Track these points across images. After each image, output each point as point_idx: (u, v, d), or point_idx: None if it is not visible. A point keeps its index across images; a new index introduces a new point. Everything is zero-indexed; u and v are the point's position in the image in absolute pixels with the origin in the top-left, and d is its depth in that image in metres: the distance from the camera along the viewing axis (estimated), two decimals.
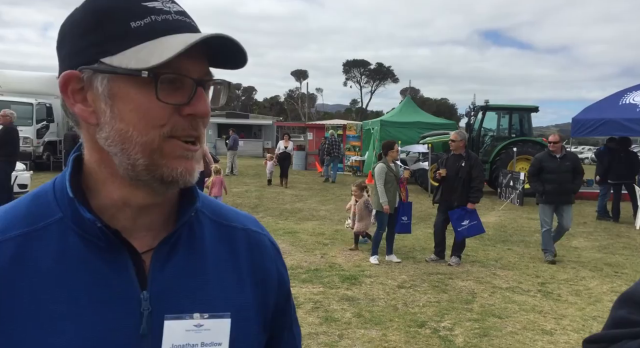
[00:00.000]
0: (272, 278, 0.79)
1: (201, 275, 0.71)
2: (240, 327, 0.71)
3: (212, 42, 0.63)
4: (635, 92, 8.53)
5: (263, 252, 0.80)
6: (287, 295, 0.83)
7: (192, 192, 0.73)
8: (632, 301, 0.78)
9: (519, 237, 8.40)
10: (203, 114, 0.65)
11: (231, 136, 18.79)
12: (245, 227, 0.80)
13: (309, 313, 4.60)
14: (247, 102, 73.40)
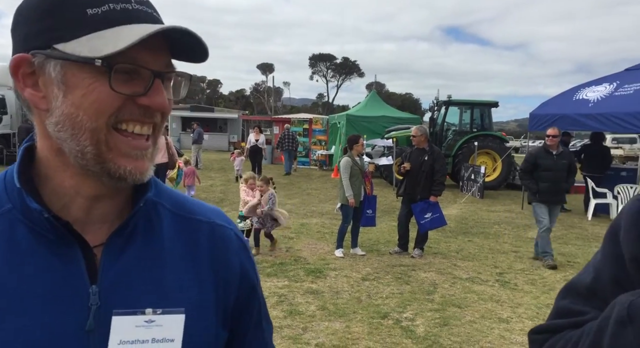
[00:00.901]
0: (235, 272, 0.78)
1: (156, 269, 0.70)
2: (196, 323, 0.70)
3: (172, 34, 0.63)
4: (588, 89, 8.89)
5: (227, 246, 0.79)
6: (252, 290, 0.81)
7: (146, 183, 0.71)
8: (574, 291, 0.80)
9: (479, 229, 8.66)
10: (159, 106, 0.65)
11: (195, 130, 18.51)
12: (210, 220, 0.79)
13: (274, 307, 4.61)
14: (212, 95, 72.27)
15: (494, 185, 13.66)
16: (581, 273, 0.83)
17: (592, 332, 0.64)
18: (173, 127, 28.96)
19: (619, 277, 0.72)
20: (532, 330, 0.82)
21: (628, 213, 0.76)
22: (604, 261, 0.77)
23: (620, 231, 0.76)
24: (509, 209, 10.94)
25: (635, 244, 0.72)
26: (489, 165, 13.80)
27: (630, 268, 0.71)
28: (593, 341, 0.62)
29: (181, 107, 33.20)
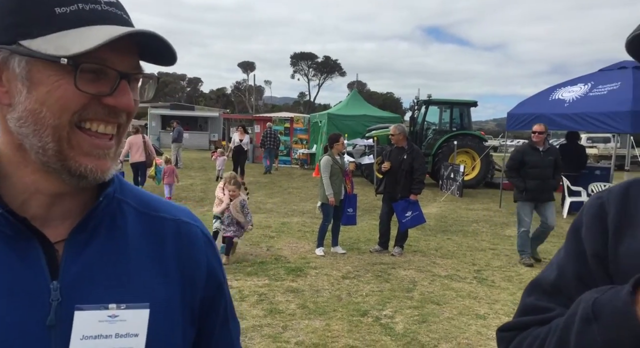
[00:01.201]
0: (201, 270, 0.78)
1: (121, 266, 0.70)
2: (161, 318, 0.70)
3: (140, 37, 0.64)
4: (563, 89, 9.08)
5: (193, 243, 0.79)
6: (218, 288, 0.82)
7: (109, 181, 0.72)
8: (539, 288, 0.81)
9: (458, 227, 8.77)
10: (125, 106, 0.66)
11: (175, 128, 18.32)
12: (176, 217, 0.80)
13: (254, 305, 4.61)
14: (192, 93, 71.57)
15: (472, 184, 13.84)
16: (545, 271, 0.84)
17: (558, 329, 0.65)
18: (153, 125, 28.65)
19: (581, 273, 0.74)
20: (499, 328, 0.83)
21: (588, 211, 0.79)
22: (567, 258, 0.79)
23: (582, 228, 0.78)
24: (487, 207, 11.10)
25: (596, 241, 0.74)
26: (468, 164, 13.99)
27: (592, 265, 0.73)
28: (560, 338, 0.64)
29: (161, 106, 32.86)
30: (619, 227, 0.72)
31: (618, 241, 0.71)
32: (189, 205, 10.13)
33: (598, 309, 0.58)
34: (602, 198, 0.77)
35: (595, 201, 0.79)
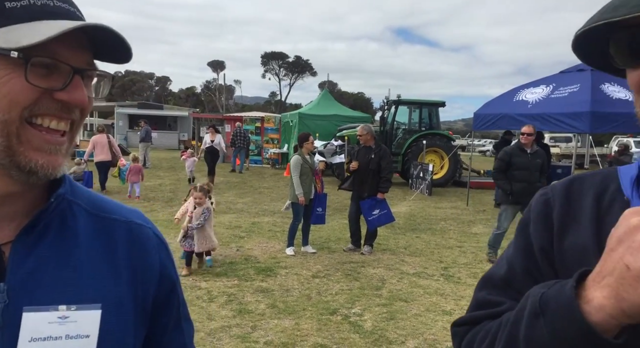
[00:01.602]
0: (154, 270, 0.78)
1: (71, 267, 0.69)
2: (113, 319, 0.70)
3: (94, 33, 0.63)
4: (527, 90, 9.35)
5: (145, 245, 0.79)
6: (172, 289, 0.82)
7: (59, 181, 0.71)
8: (490, 283, 0.83)
9: (427, 225, 8.91)
10: (78, 102, 0.65)
11: (143, 127, 17.99)
12: (127, 219, 0.79)
13: (223, 306, 4.58)
14: (161, 92, 70.24)
15: (441, 183, 14.09)
16: (496, 266, 0.86)
17: (509, 323, 0.67)
18: (119, 124, 28.03)
19: (530, 267, 0.77)
20: (454, 323, 0.85)
21: (535, 207, 0.81)
22: (515, 253, 0.81)
23: (530, 224, 0.81)
24: (455, 206, 11.32)
25: (542, 236, 0.77)
26: (437, 163, 14.23)
27: (539, 259, 0.76)
28: (510, 332, 0.66)
29: (128, 105, 32.19)
30: (562, 223, 0.74)
31: (562, 236, 0.73)
32: (157, 205, 9.98)
33: (544, 304, 0.60)
34: (547, 195, 0.80)
35: (541, 198, 0.81)
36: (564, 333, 0.57)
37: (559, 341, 0.58)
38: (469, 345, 0.77)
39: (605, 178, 0.76)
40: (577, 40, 0.65)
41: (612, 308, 0.54)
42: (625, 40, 0.59)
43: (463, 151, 20.25)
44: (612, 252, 0.56)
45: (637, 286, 0.53)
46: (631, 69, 0.61)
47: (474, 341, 0.76)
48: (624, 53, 0.61)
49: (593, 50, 0.66)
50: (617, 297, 0.54)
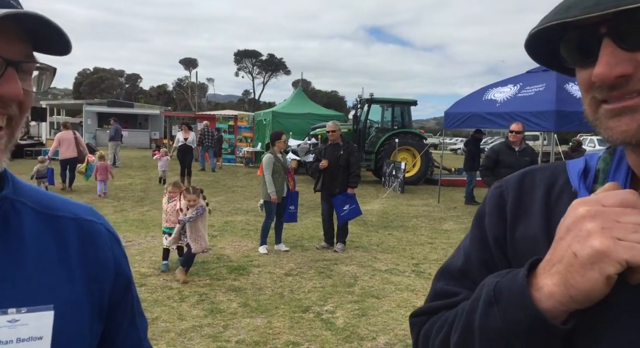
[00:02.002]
0: (108, 268, 0.77)
1: (18, 268, 0.67)
2: (68, 320, 0.69)
3: (32, 24, 0.61)
4: (495, 89, 9.55)
5: (97, 242, 0.77)
6: (127, 286, 0.81)
7: (1, 181, 0.68)
8: (448, 274, 0.85)
9: (399, 223, 9.02)
10: (12, 96, 0.62)
11: (113, 126, 17.61)
12: (77, 216, 0.77)
13: (194, 306, 4.53)
14: (131, 90, 68.80)
15: (413, 181, 14.26)
16: (453, 257, 0.88)
17: (465, 312, 0.69)
18: (88, 123, 27.39)
19: (485, 258, 0.78)
20: (412, 314, 0.87)
21: (490, 200, 0.84)
22: (471, 245, 0.83)
23: (485, 216, 0.83)
24: (426, 203, 11.48)
25: (497, 227, 0.78)
26: (409, 161, 14.40)
27: (494, 250, 0.77)
28: (466, 321, 0.67)
29: (97, 102, 31.48)
30: (515, 214, 0.76)
31: (514, 227, 0.75)
32: (127, 205, 9.80)
33: (498, 292, 0.62)
34: (502, 188, 0.82)
35: (496, 190, 0.83)
36: (516, 320, 0.59)
37: (511, 328, 0.59)
38: (427, 335, 0.78)
39: (554, 171, 0.78)
40: (530, 39, 0.67)
41: (561, 295, 0.57)
42: (575, 41, 0.61)
43: (435, 149, 20.53)
44: (561, 241, 0.58)
45: (583, 273, 0.55)
46: (580, 68, 0.63)
47: (432, 331, 0.77)
48: (573, 53, 0.62)
49: (545, 50, 0.68)
50: (566, 284, 0.56)
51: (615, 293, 0.56)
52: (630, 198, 0.57)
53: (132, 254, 6.25)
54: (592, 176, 0.71)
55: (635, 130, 0.57)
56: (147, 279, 5.28)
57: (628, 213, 0.55)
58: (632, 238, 0.54)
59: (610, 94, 0.58)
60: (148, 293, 4.85)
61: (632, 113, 0.57)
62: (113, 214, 8.73)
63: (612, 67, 0.57)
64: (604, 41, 0.57)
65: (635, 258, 0.53)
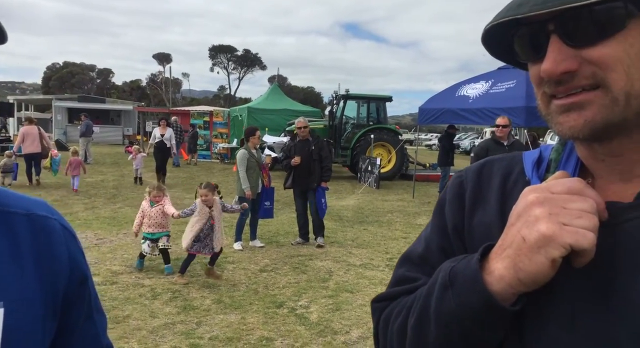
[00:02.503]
0: (63, 264, 0.76)
1: None
2: (19, 316, 0.67)
3: None
4: (468, 85, 9.70)
5: (51, 237, 0.76)
6: (83, 281, 0.80)
7: None
8: (409, 260, 0.86)
9: (374, 218, 9.08)
10: None
11: (83, 122, 17.22)
12: (29, 212, 0.76)
13: (167, 303, 4.48)
14: (103, 85, 67.32)
15: (388, 176, 14.38)
16: (415, 244, 0.90)
17: (422, 296, 0.70)
18: (58, 118, 26.69)
19: (444, 245, 0.80)
20: (373, 299, 0.87)
21: (451, 189, 0.85)
22: (432, 232, 0.85)
23: (445, 204, 0.85)
24: (401, 198, 11.59)
25: (456, 215, 0.80)
26: (384, 157, 14.50)
27: (452, 237, 0.79)
28: (423, 304, 0.69)
29: (67, 98, 30.71)
30: (473, 202, 0.78)
31: (472, 215, 0.77)
32: (99, 202, 9.60)
33: (453, 277, 0.64)
34: (462, 177, 0.84)
35: (456, 180, 0.85)
36: (469, 302, 0.61)
37: (464, 310, 0.61)
38: (387, 319, 0.79)
39: (511, 161, 0.81)
40: (486, 35, 0.68)
41: (510, 278, 0.58)
42: (526, 37, 0.63)
43: (411, 145, 20.74)
44: (512, 227, 0.60)
45: (531, 256, 0.57)
46: (531, 63, 0.64)
47: (391, 315, 0.78)
48: (525, 48, 0.64)
49: (501, 45, 0.69)
50: (515, 268, 0.58)
51: (561, 276, 0.58)
52: (577, 186, 0.59)
53: (104, 252, 6.14)
54: (544, 166, 0.73)
55: (581, 126, 0.59)
56: (118, 277, 5.19)
57: (574, 200, 0.57)
58: (577, 224, 0.56)
59: (557, 89, 0.60)
60: (119, 291, 4.77)
61: (579, 109, 0.59)
62: (84, 211, 8.54)
63: (558, 63, 0.58)
64: (552, 38, 0.59)
65: (578, 242, 0.55)
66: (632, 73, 0.56)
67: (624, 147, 0.61)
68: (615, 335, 0.56)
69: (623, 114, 0.57)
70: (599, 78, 0.57)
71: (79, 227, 7.34)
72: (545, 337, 0.61)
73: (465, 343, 0.64)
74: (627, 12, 0.55)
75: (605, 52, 0.56)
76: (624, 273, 0.57)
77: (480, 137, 31.03)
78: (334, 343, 3.82)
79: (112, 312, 4.22)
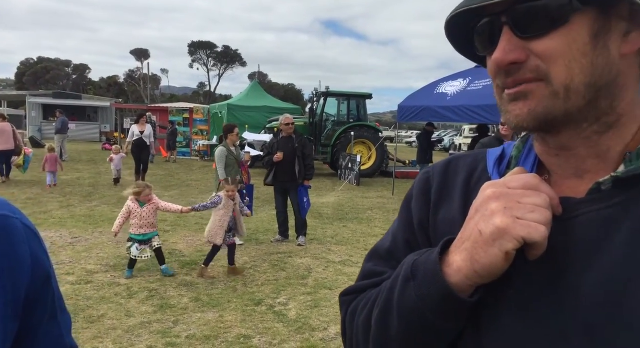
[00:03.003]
0: (24, 263, 0.74)
1: None
2: None
3: None
4: (446, 83, 9.79)
5: (12, 237, 0.74)
6: (46, 281, 0.78)
7: None
8: (376, 255, 0.87)
9: (354, 215, 9.12)
10: None
11: (59, 118, 16.86)
12: None
13: (143, 302, 4.42)
14: (79, 81, 65.97)
15: (369, 173, 14.44)
16: (383, 239, 0.91)
17: (386, 289, 0.71)
18: (32, 115, 26.09)
19: (410, 240, 0.82)
20: (342, 293, 0.88)
21: (417, 184, 0.86)
22: (399, 227, 0.86)
23: (412, 200, 0.86)
24: (381, 195, 11.66)
25: (422, 210, 0.81)
26: (365, 154, 14.56)
27: (418, 232, 0.81)
28: (387, 297, 0.70)
29: (42, 94, 30.06)
30: (438, 198, 0.80)
31: (437, 211, 0.79)
32: (75, 200, 9.42)
33: (415, 269, 0.66)
34: (429, 173, 0.85)
35: (423, 176, 0.86)
36: (429, 294, 0.62)
37: (424, 302, 0.63)
38: (353, 312, 0.81)
39: (476, 158, 0.82)
40: (448, 27, 0.69)
41: (467, 270, 0.60)
42: (483, 29, 0.63)
43: (391, 142, 20.87)
44: (471, 220, 0.62)
45: (487, 249, 0.58)
46: (488, 56, 0.65)
47: (357, 308, 0.80)
48: (483, 41, 0.64)
49: (463, 39, 0.70)
50: (472, 260, 0.60)
51: (516, 268, 0.60)
52: (532, 181, 0.60)
53: (79, 251, 6.03)
54: (505, 162, 0.75)
55: (526, 115, 0.61)
56: (93, 276, 5.11)
57: (529, 195, 0.59)
58: (530, 218, 0.57)
59: (506, 81, 0.62)
60: (94, 290, 4.69)
61: (525, 98, 0.60)
62: (59, 210, 8.37)
63: (507, 53, 0.59)
64: (504, 29, 0.60)
65: (530, 235, 0.56)
66: (573, 67, 0.58)
67: (573, 141, 0.63)
68: (565, 325, 0.57)
69: (564, 107, 0.59)
70: (542, 71, 0.59)
71: (53, 225, 7.20)
72: (499, 327, 0.62)
73: (425, 334, 0.66)
74: (572, 7, 0.56)
75: (550, 46, 0.58)
76: (575, 266, 0.59)
77: (459, 135, 31.38)
78: (312, 340, 3.82)
79: (86, 311, 4.15)
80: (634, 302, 0.53)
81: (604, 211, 0.59)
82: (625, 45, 0.58)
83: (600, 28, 0.57)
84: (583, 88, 0.58)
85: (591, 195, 0.61)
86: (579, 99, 0.59)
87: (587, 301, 0.56)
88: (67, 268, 5.33)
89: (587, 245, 0.59)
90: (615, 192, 0.59)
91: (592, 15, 0.57)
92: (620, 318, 0.54)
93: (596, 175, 0.62)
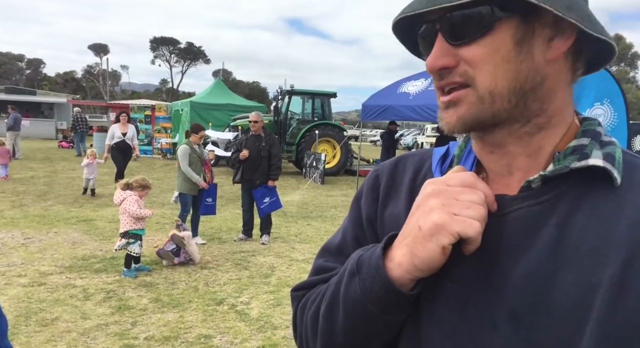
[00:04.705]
0: None
1: None
2: None
3: None
4: (408, 83, 9.93)
5: None
6: None
7: None
8: (327, 251, 0.89)
9: (318, 213, 9.14)
10: None
11: (11, 115, 16.15)
12: None
13: (100, 304, 4.30)
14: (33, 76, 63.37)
15: (333, 171, 14.52)
16: (334, 235, 0.92)
17: (333, 283, 0.73)
18: None
19: (359, 236, 0.83)
20: (293, 288, 0.90)
21: (367, 182, 0.88)
22: (348, 224, 0.88)
23: (362, 197, 0.87)
24: (345, 193, 11.74)
25: (370, 207, 0.83)
26: (329, 153, 14.62)
27: (366, 228, 0.82)
28: (333, 291, 0.72)
29: None
30: (385, 195, 0.82)
31: (384, 207, 0.81)
32: (28, 199, 9.06)
33: (360, 264, 0.67)
34: (378, 171, 0.87)
35: (373, 173, 0.88)
36: (372, 288, 0.64)
37: (368, 295, 0.65)
38: (303, 307, 0.82)
39: (423, 156, 0.85)
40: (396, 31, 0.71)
41: (407, 264, 0.62)
42: (424, 35, 0.66)
43: (356, 141, 21.03)
44: (412, 216, 0.64)
45: (425, 244, 0.60)
46: None
47: (307, 303, 0.81)
48: (424, 44, 0.67)
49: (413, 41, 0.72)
50: (411, 254, 0.62)
51: (453, 262, 0.62)
52: (469, 179, 0.63)
53: (32, 252, 5.80)
54: (448, 161, 0.78)
55: (455, 122, 0.64)
56: (47, 278, 4.93)
57: (465, 192, 0.62)
58: (466, 214, 0.60)
59: (439, 82, 0.64)
60: (48, 292, 4.53)
61: (454, 106, 0.63)
62: (11, 209, 8.03)
63: (437, 59, 0.62)
64: (438, 36, 0.63)
65: (465, 231, 0.59)
66: (497, 73, 0.60)
67: (505, 139, 0.66)
68: (494, 314, 0.60)
69: (490, 111, 0.62)
70: (469, 76, 0.61)
71: (4, 225, 6.90)
72: (437, 318, 0.65)
73: (368, 326, 0.67)
74: (495, 16, 0.59)
75: (476, 52, 0.60)
76: (506, 259, 0.61)
77: (421, 134, 31.94)
78: (273, 338, 3.81)
79: (39, 314, 4.00)
80: (556, 292, 0.57)
81: (533, 207, 0.62)
82: (550, 50, 0.61)
83: (523, 35, 0.60)
84: (507, 92, 0.61)
85: (523, 192, 0.64)
86: (504, 102, 0.61)
87: (514, 291, 0.59)
88: (19, 270, 5.12)
89: (517, 239, 0.62)
90: (544, 190, 0.63)
91: (515, 23, 0.59)
92: (544, 306, 0.57)
93: (528, 173, 0.65)
